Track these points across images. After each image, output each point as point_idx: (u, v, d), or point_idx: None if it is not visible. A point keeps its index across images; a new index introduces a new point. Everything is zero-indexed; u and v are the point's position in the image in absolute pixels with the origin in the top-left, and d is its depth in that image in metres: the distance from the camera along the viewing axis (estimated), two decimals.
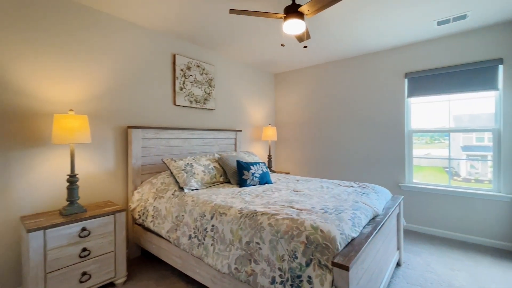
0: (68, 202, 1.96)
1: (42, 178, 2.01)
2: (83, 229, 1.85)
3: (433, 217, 3.08)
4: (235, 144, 3.70)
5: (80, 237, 1.84)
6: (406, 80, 3.30)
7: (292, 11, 1.97)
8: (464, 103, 2.99)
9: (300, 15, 1.98)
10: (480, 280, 2.07)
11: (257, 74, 4.24)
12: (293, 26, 2.03)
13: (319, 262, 1.21)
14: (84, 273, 1.85)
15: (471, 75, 2.85)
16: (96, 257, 1.92)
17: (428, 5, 2.29)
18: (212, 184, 2.50)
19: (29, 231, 1.61)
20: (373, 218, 1.76)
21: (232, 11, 1.93)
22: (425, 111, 3.24)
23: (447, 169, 3.13)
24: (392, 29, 2.80)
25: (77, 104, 2.18)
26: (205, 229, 1.78)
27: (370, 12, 2.41)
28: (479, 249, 2.64)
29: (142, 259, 2.51)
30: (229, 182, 2.65)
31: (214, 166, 2.61)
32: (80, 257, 1.84)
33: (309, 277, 1.22)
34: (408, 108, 3.33)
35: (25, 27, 1.91)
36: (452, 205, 2.95)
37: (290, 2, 2.17)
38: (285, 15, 2.00)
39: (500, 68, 2.70)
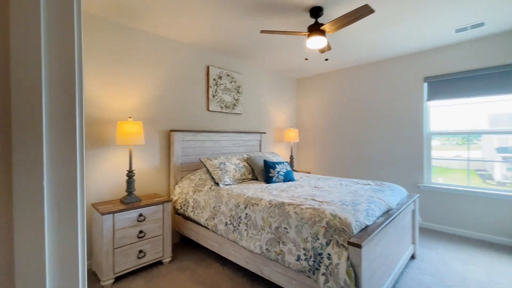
0: (127, 193, 2.38)
1: (106, 172, 2.46)
2: (140, 215, 2.27)
3: (451, 216, 3.19)
4: (260, 145, 4.03)
5: (138, 221, 2.25)
6: (426, 84, 3.43)
7: (315, 29, 2.24)
8: (495, 105, 3.07)
9: (322, 33, 2.26)
10: (493, 275, 2.21)
11: (280, 80, 4.54)
12: (316, 42, 2.30)
13: (337, 242, 1.49)
14: (140, 251, 2.26)
15: (489, 79, 2.94)
16: (149, 238, 2.33)
17: (445, 15, 2.46)
18: (242, 180, 2.83)
19: (103, 214, 2.04)
20: (387, 212, 1.99)
21: (263, 31, 2.25)
22: (450, 113, 3.34)
23: (480, 172, 3.19)
24: (412, 37, 2.97)
25: (133, 112, 2.62)
26: (240, 217, 2.11)
27: (391, 23, 2.62)
28: (497, 247, 2.74)
29: (181, 244, 2.90)
30: (256, 179, 2.98)
31: (243, 165, 2.95)
32: (138, 237, 2.25)
33: (329, 254, 1.50)
34: (427, 111, 3.46)
35: (96, 53, 2.37)
36: (471, 205, 3.05)
37: (313, 21, 2.44)
38: (308, 33, 2.28)
39: None
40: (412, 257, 2.50)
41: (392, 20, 2.54)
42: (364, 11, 1.92)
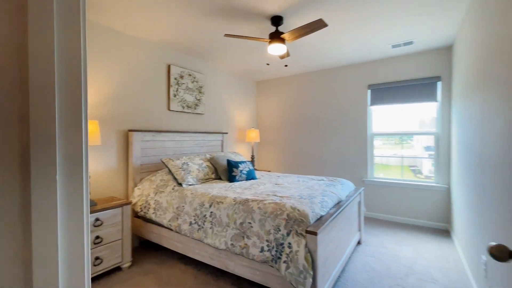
0: None
1: None
2: (97, 219, 2.15)
3: (389, 205, 3.70)
4: (222, 145, 4.08)
5: (95, 226, 2.13)
6: (369, 91, 3.90)
7: (276, 37, 2.41)
8: (423, 111, 3.64)
9: (282, 40, 2.43)
10: (419, 251, 2.66)
11: (241, 81, 4.65)
12: (277, 49, 2.47)
13: (296, 231, 1.66)
14: (97, 258, 2.14)
15: (418, 88, 3.51)
16: (106, 244, 2.21)
17: (384, 33, 2.86)
18: (205, 180, 2.86)
19: None
20: (338, 203, 2.25)
21: (227, 35, 2.33)
22: (389, 117, 3.87)
23: (412, 167, 3.77)
24: (358, 49, 3.36)
25: (88, 110, 2.45)
26: (204, 216, 2.15)
27: (340, 37, 2.94)
28: (422, 229, 3.28)
29: (141, 248, 2.81)
30: (219, 178, 3.04)
31: (206, 165, 2.98)
32: (94, 243, 2.13)
33: (289, 243, 1.66)
34: (370, 114, 3.94)
35: None
36: (404, 195, 3.59)
37: (274, 29, 2.61)
38: (270, 39, 2.44)
39: (439, 84, 3.37)
40: (358, 242, 2.85)
41: (342, 34, 2.86)
42: (319, 24, 2.14)
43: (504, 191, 1.32)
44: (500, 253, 0.64)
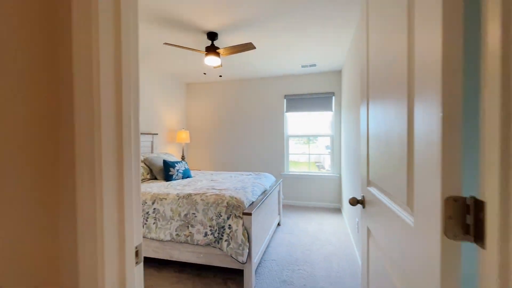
0: None
1: None
2: None
3: (300, 193, 4.58)
4: (152, 146, 4.07)
5: None
6: (285, 100, 4.70)
7: (212, 50, 2.74)
8: (323, 118, 4.64)
9: (217, 54, 2.78)
10: (321, 225, 3.52)
11: (170, 82, 4.70)
12: (212, 61, 2.80)
13: (235, 215, 2.06)
14: None
15: (319, 100, 4.51)
16: None
17: (296, 56, 3.61)
18: (141, 181, 2.90)
19: None
20: (264, 192, 2.79)
21: (166, 43, 2.51)
22: (301, 121, 4.75)
23: (317, 163, 4.75)
24: (277, 66, 4.05)
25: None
26: (147, 213, 2.29)
27: (264, 55, 3.52)
28: (324, 209, 4.27)
29: None
30: (155, 178, 3.12)
31: (140, 166, 3.01)
32: None
33: (229, 225, 2.04)
34: (286, 119, 4.75)
35: None
36: (311, 185, 4.53)
37: (210, 43, 2.93)
38: (206, 52, 2.75)
39: (333, 98, 4.44)
40: (278, 224, 3.50)
41: (265, 53, 3.44)
42: (249, 46, 2.61)
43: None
44: (353, 201, 1.22)
